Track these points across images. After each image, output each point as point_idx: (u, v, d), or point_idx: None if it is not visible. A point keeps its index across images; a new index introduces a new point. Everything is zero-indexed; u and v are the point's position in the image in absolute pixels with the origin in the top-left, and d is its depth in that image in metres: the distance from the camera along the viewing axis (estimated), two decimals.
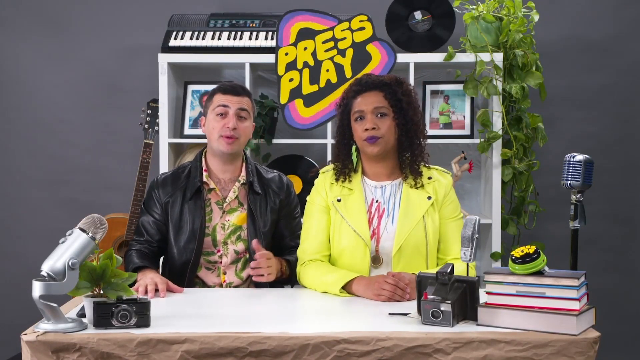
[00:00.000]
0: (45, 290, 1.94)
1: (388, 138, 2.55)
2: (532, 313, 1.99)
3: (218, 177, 2.84)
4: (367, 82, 2.59)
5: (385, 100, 2.55)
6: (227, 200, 2.81)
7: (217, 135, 2.76)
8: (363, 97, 2.57)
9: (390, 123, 2.55)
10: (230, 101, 2.78)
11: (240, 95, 2.80)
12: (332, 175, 2.66)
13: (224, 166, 2.83)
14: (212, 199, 2.81)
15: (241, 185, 2.83)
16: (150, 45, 3.84)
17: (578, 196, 2.66)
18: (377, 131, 2.53)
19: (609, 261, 4.02)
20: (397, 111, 2.55)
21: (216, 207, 2.81)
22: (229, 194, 2.81)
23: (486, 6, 3.61)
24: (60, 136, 4.02)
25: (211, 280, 2.80)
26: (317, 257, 2.62)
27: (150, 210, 2.84)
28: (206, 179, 2.81)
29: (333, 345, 1.93)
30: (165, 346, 1.92)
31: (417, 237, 2.54)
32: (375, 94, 2.56)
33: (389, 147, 2.57)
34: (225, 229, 2.80)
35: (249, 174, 2.83)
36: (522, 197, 3.65)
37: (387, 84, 2.57)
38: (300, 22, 3.57)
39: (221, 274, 2.79)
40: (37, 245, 3.45)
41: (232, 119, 2.76)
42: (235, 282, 2.80)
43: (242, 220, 2.81)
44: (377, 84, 2.58)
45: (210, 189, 2.81)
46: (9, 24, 4.01)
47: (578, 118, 4.00)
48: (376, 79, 2.60)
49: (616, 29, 3.99)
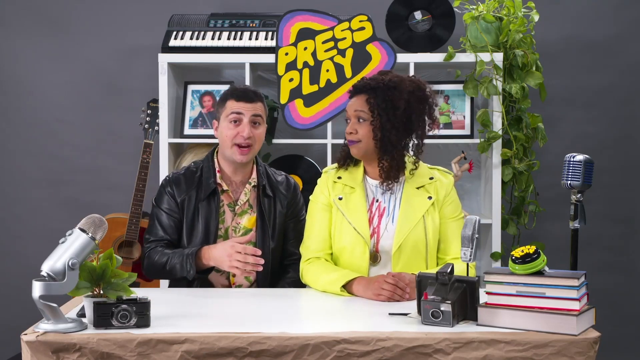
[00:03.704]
0: (45, 291, 1.94)
1: (366, 142, 2.56)
2: (532, 313, 1.99)
3: (230, 180, 2.83)
4: (357, 85, 2.61)
5: (366, 104, 2.55)
6: (238, 203, 2.80)
7: (231, 143, 2.75)
8: (351, 100, 2.61)
9: (368, 128, 2.55)
10: (243, 108, 2.76)
11: (253, 101, 2.78)
12: (335, 174, 2.67)
13: (236, 170, 2.83)
14: (224, 201, 2.80)
15: (252, 188, 2.83)
16: (150, 45, 3.84)
17: (578, 196, 2.66)
18: (354, 135, 2.56)
19: (609, 261, 4.02)
20: (375, 116, 2.54)
21: (228, 209, 2.81)
22: (241, 197, 2.81)
23: (486, 6, 3.61)
24: (60, 136, 4.02)
25: (220, 282, 2.79)
26: (320, 255, 2.63)
27: (169, 211, 2.79)
28: (220, 181, 2.80)
29: (333, 345, 1.93)
30: (165, 346, 1.93)
31: (416, 237, 2.55)
32: (358, 98, 2.58)
33: (370, 151, 2.58)
34: (236, 232, 2.80)
35: (260, 177, 2.83)
36: (522, 197, 3.65)
37: (372, 87, 2.55)
38: (300, 22, 3.57)
39: (230, 276, 2.79)
40: (37, 245, 3.46)
41: (246, 127, 2.74)
42: (244, 285, 2.80)
43: (252, 223, 2.82)
44: (363, 88, 2.58)
45: (224, 190, 2.80)
46: (9, 23, 4.01)
47: (578, 118, 4.00)
48: (366, 82, 2.59)
49: (616, 29, 3.99)
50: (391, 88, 2.54)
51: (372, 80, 2.59)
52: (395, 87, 2.54)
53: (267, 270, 2.78)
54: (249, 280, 2.80)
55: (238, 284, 2.79)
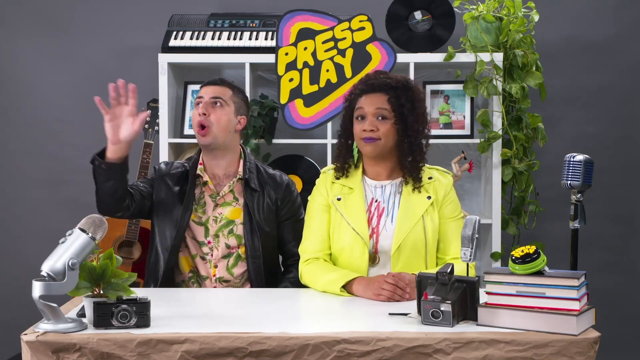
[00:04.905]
0: (45, 291, 1.94)
1: (386, 141, 2.55)
2: (532, 313, 1.99)
3: (213, 172, 2.86)
4: (374, 83, 2.58)
5: (388, 103, 2.54)
6: (220, 194, 2.82)
7: (196, 127, 2.81)
8: (367, 97, 2.57)
9: (390, 127, 2.54)
10: (205, 92, 2.83)
11: (217, 85, 2.84)
12: (333, 175, 2.67)
13: (215, 160, 2.85)
14: (206, 192, 2.84)
15: (237, 181, 2.84)
16: (150, 45, 3.84)
17: (578, 196, 2.66)
18: (374, 133, 2.53)
19: (609, 261, 4.02)
20: (398, 116, 2.54)
21: (209, 199, 2.83)
22: (224, 188, 2.83)
23: (486, 6, 3.61)
24: (60, 136, 4.02)
25: (204, 270, 2.82)
26: (319, 256, 2.62)
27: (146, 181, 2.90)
28: (200, 172, 2.84)
29: (333, 345, 1.93)
30: (165, 346, 1.92)
31: (416, 237, 2.55)
32: (379, 96, 2.55)
33: (387, 150, 2.57)
34: (217, 222, 2.81)
35: (246, 171, 2.84)
36: (522, 197, 3.65)
37: (393, 87, 2.56)
38: (300, 22, 3.57)
39: (212, 267, 2.80)
40: (37, 245, 3.46)
41: (203, 106, 2.79)
42: (225, 277, 2.80)
43: (236, 214, 2.83)
44: (383, 86, 2.56)
45: (204, 182, 2.83)
46: (9, 23, 4.01)
47: (578, 118, 4.00)
48: (384, 80, 2.58)
49: (616, 29, 3.99)
50: (409, 88, 2.57)
51: (389, 79, 2.58)
52: (412, 88, 2.58)
53: (260, 266, 2.79)
54: (232, 274, 2.80)
55: (219, 275, 2.80)
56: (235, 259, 2.81)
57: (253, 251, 2.79)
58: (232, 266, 2.81)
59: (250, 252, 2.79)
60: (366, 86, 2.59)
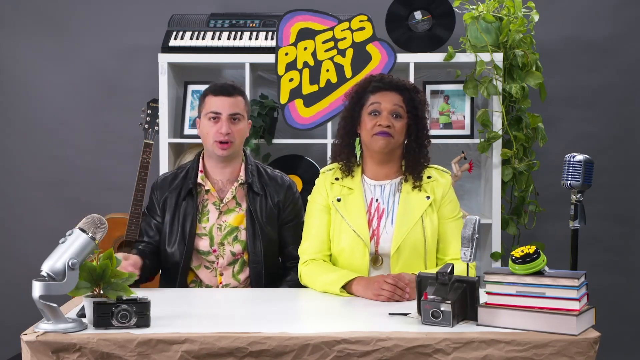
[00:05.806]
0: (45, 291, 1.94)
1: (397, 139, 2.59)
2: (532, 313, 1.99)
3: (216, 178, 2.83)
4: (390, 81, 2.65)
5: (403, 103, 2.61)
6: (224, 201, 2.80)
7: (212, 140, 2.76)
8: (383, 94, 2.61)
9: (403, 126, 2.60)
10: (221, 106, 2.76)
11: (231, 96, 2.78)
12: (333, 175, 2.67)
13: (221, 167, 2.82)
14: (209, 200, 2.81)
15: (239, 186, 2.83)
16: (150, 45, 3.84)
17: (578, 196, 2.66)
18: (390, 129, 2.56)
19: (609, 261, 4.01)
20: (412, 116, 2.61)
21: (213, 207, 2.81)
22: (227, 195, 2.81)
23: (486, 6, 3.61)
24: (60, 136, 4.02)
25: (209, 279, 2.80)
26: (318, 257, 2.62)
27: (151, 212, 2.86)
28: (202, 180, 2.80)
29: (333, 345, 1.93)
30: (165, 346, 1.93)
31: (415, 238, 2.55)
32: (395, 95, 2.61)
33: (396, 147, 2.61)
34: (222, 230, 2.79)
35: (248, 175, 2.82)
36: (522, 197, 3.65)
37: (407, 88, 2.64)
38: (300, 22, 3.57)
39: (218, 275, 2.79)
40: (37, 245, 3.45)
41: (224, 124, 2.74)
42: (232, 284, 2.79)
43: (239, 220, 2.81)
44: (399, 86, 2.63)
45: (206, 190, 2.81)
46: (9, 24, 4.00)
47: (578, 118, 4.00)
48: (398, 80, 2.66)
49: (616, 29, 3.99)
50: (418, 92, 2.67)
51: (399, 80, 2.66)
52: (419, 92, 2.68)
53: (261, 270, 2.78)
54: (238, 280, 2.79)
55: (225, 282, 2.79)
56: (241, 265, 2.80)
57: (254, 256, 2.77)
58: (238, 272, 2.80)
59: (252, 257, 2.77)
60: (382, 84, 2.64)
